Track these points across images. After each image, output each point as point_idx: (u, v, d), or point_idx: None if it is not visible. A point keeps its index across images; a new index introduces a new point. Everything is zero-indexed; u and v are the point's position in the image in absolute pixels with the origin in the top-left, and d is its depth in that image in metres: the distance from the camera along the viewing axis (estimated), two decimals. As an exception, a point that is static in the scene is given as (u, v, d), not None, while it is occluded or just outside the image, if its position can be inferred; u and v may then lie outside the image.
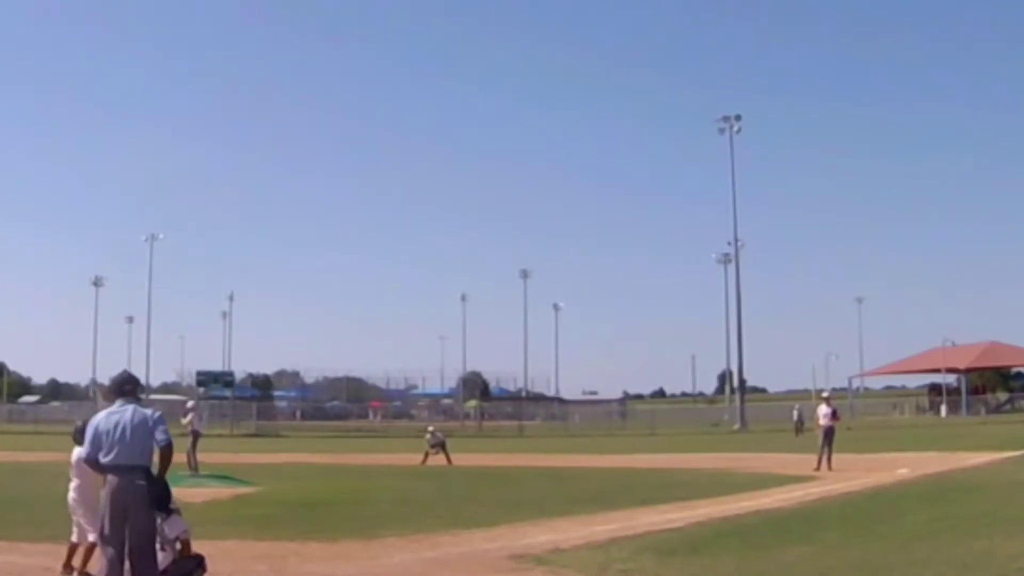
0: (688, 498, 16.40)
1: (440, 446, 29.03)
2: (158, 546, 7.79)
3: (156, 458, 7.42)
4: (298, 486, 20.33)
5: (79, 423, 9.34)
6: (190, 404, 26.15)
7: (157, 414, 7.55)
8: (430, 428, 32.11)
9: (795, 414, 49.75)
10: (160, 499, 7.32)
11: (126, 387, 7.62)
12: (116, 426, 7.33)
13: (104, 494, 7.34)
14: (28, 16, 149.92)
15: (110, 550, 7.26)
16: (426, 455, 28.66)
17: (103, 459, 7.32)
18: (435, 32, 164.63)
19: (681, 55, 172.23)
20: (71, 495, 9.11)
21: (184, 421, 23.99)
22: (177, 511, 8.20)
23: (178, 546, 8.04)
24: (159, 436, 7.32)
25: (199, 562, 8.13)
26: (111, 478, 7.28)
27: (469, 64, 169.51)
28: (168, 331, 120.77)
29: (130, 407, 7.47)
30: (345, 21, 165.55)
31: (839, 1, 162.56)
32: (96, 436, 7.37)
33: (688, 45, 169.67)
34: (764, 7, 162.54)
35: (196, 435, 23.06)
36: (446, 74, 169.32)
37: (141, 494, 7.19)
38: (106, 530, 7.31)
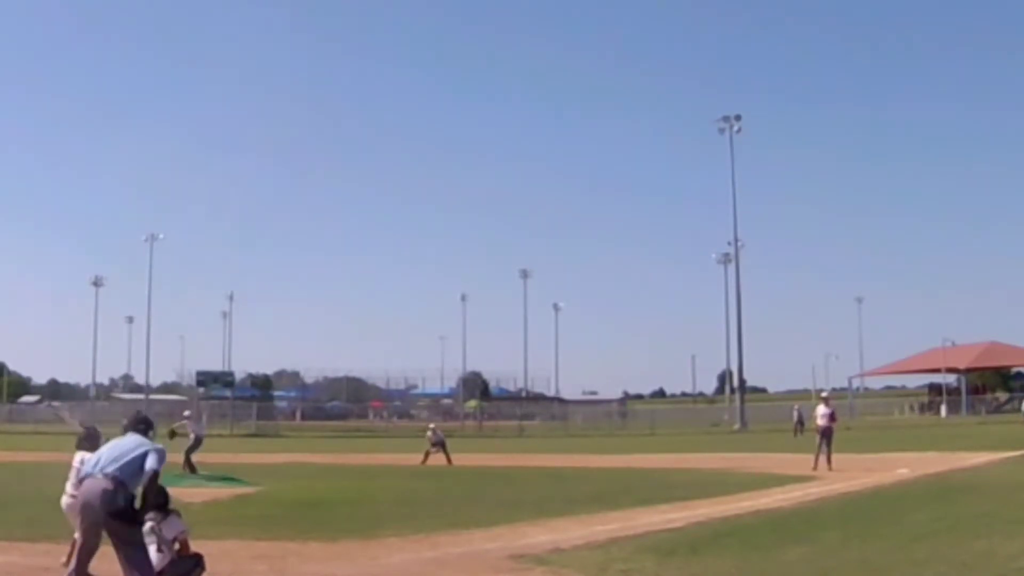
0: (688, 498, 16.39)
1: (440, 445, 29.02)
2: (154, 548, 7.81)
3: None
4: (298, 486, 20.32)
5: (82, 430, 9.45)
6: (186, 413, 25.98)
7: (158, 446, 7.83)
8: (431, 426, 32.14)
9: (795, 414, 49.77)
10: (124, 510, 7.42)
11: (139, 427, 8.01)
12: (114, 447, 7.75)
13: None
14: (28, 16, 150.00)
15: (79, 555, 7.63)
16: (427, 455, 28.64)
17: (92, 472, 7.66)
18: (434, 32, 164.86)
19: (681, 55, 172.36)
20: (65, 499, 9.12)
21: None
22: (176, 512, 8.20)
23: (176, 546, 8.04)
24: (149, 462, 7.57)
25: (198, 561, 8.13)
26: (83, 484, 7.62)
27: (468, 64, 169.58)
28: (168, 331, 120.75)
29: (136, 436, 7.85)
30: (344, 22, 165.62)
31: (839, 1, 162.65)
32: (97, 457, 7.75)
33: (688, 45, 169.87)
34: (764, 7, 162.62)
35: (198, 440, 23.00)
36: (445, 74, 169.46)
37: (103, 498, 7.37)
38: (80, 533, 7.67)
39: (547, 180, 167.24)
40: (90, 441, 9.46)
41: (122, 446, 7.73)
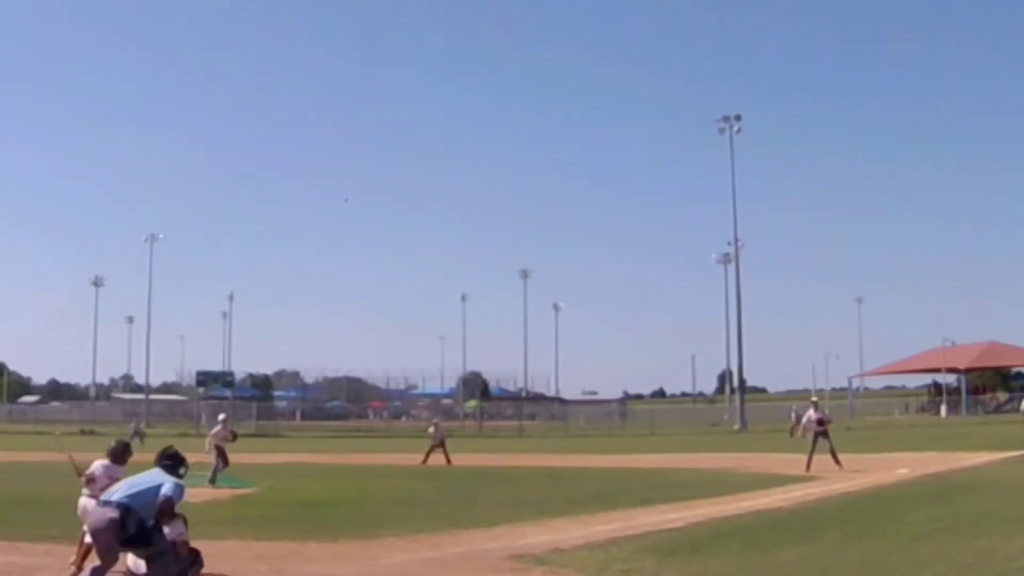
0: (688, 498, 16.40)
1: (441, 444, 29.02)
2: None
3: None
4: (298, 486, 20.34)
5: (114, 444, 9.64)
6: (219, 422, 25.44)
7: (179, 482, 8.04)
8: (435, 421, 32.17)
9: (793, 415, 49.74)
10: (135, 538, 7.60)
11: (165, 462, 8.26)
12: (134, 478, 8.07)
13: None
14: (28, 17, 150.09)
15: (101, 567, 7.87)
16: (428, 454, 28.65)
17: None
18: (434, 33, 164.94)
19: (681, 55, 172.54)
20: (83, 500, 9.15)
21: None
22: (179, 515, 8.21)
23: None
24: (164, 489, 7.77)
25: (195, 559, 8.16)
26: (93, 511, 8.03)
27: (468, 65, 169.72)
28: (168, 331, 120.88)
29: (159, 472, 8.08)
30: (345, 24, 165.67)
31: (839, 1, 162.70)
32: (119, 486, 8.05)
33: (688, 45, 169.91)
34: (764, 7, 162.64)
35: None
36: (445, 75, 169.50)
37: (110, 528, 7.58)
38: (96, 552, 8.01)
39: (547, 180, 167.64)
40: (118, 454, 9.59)
41: (141, 477, 7.98)
